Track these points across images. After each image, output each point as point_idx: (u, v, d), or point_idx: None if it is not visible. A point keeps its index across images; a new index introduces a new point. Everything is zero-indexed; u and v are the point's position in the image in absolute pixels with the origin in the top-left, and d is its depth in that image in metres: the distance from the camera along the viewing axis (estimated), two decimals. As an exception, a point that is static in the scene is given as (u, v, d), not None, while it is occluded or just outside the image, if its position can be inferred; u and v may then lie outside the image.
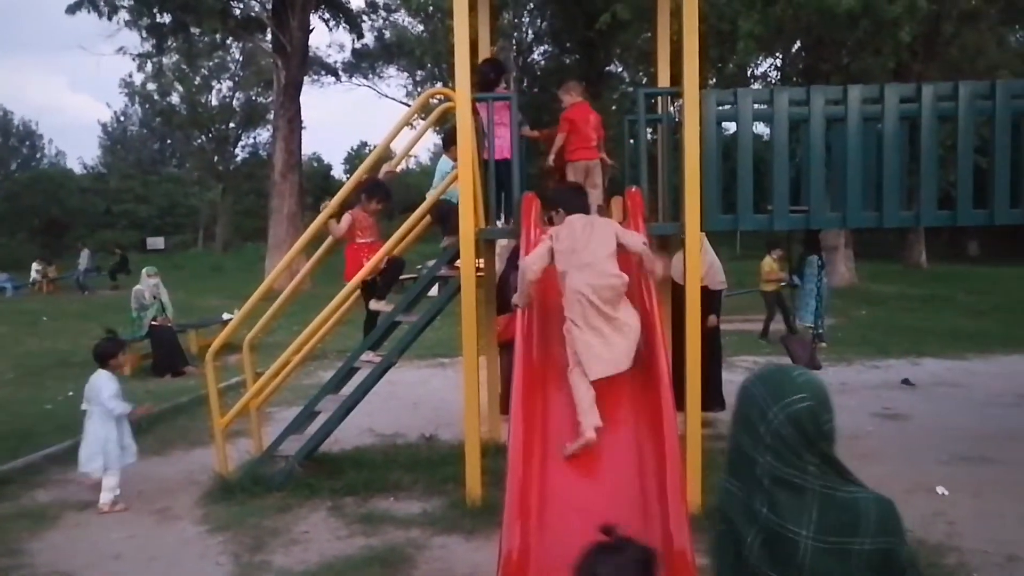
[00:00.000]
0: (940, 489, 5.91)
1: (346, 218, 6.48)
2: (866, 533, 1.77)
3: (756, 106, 5.68)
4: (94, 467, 6.05)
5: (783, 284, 12.83)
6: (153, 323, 11.65)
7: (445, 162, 6.83)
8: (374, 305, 6.49)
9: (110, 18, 25.14)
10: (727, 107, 5.67)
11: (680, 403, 5.52)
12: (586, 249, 4.59)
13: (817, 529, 1.76)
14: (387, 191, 6.76)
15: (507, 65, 6.94)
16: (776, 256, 13.14)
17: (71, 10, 25.05)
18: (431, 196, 6.49)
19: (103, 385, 6.20)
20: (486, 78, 6.47)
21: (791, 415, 1.80)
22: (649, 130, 7.09)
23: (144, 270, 12.08)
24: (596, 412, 4.22)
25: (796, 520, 1.76)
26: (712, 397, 8.16)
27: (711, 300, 8.28)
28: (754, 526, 1.79)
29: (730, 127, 5.92)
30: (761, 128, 6.06)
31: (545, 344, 4.82)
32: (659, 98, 6.74)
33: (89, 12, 25.02)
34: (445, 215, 6.56)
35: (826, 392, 1.86)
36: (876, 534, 1.78)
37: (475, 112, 5.92)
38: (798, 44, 23.46)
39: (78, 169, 59.93)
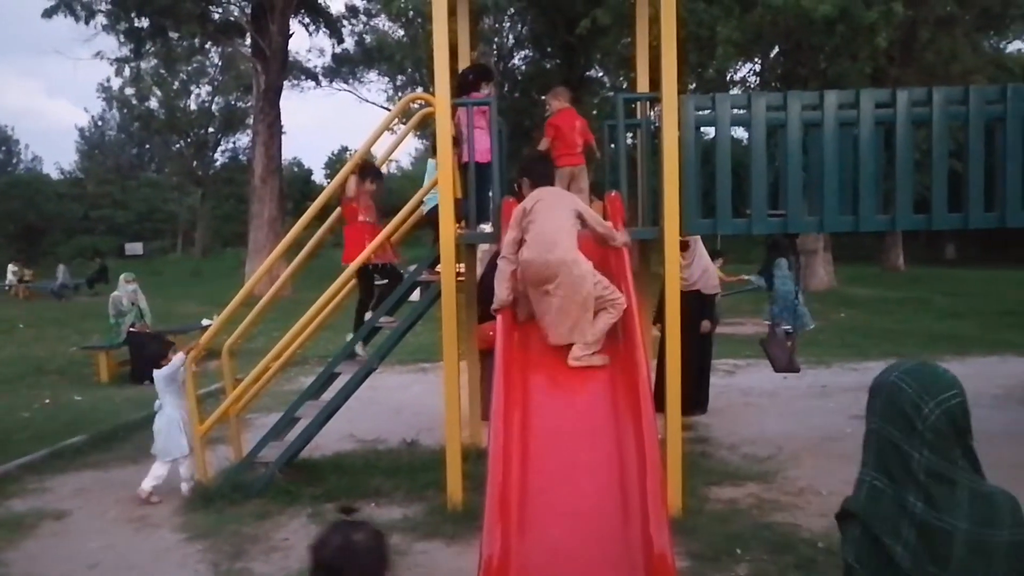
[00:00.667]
0: (917, 490, 5.95)
1: (352, 182, 6.47)
2: (1002, 524, 1.81)
3: (734, 111, 5.73)
4: (171, 455, 6.30)
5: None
6: (131, 330, 11.56)
7: (434, 163, 6.79)
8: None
9: (87, 22, 24.97)
10: (706, 112, 5.71)
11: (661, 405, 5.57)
12: (542, 222, 4.83)
13: (970, 521, 1.80)
14: (378, 172, 6.79)
15: (491, 70, 6.91)
16: (718, 264, 13.25)
17: (47, 14, 24.85)
18: (416, 197, 6.48)
19: (168, 371, 6.48)
20: (465, 79, 6.48)
21: (947, 410, 1.87)
22: (629, 135, 7.13)
23: (122, 276, 12.00)
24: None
25: (952, 512, 1.80)
26: (698, 401, 8.23)
27: (704, 305, 8.33)
28: (907, 520, 1.81)
29: (709, 132, 5.96)
30: (741, 133, 6.10)
31: (526, 349, 4.82)
32: (639, 103, 6.78)
33: (66, 16, 24.83)
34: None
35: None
36: (1012, 525, 1.82)
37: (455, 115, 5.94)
38: (776, 49, 23.65)
39: (55, 174, 59.40)
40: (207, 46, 31.90)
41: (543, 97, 6.83)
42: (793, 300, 11.06)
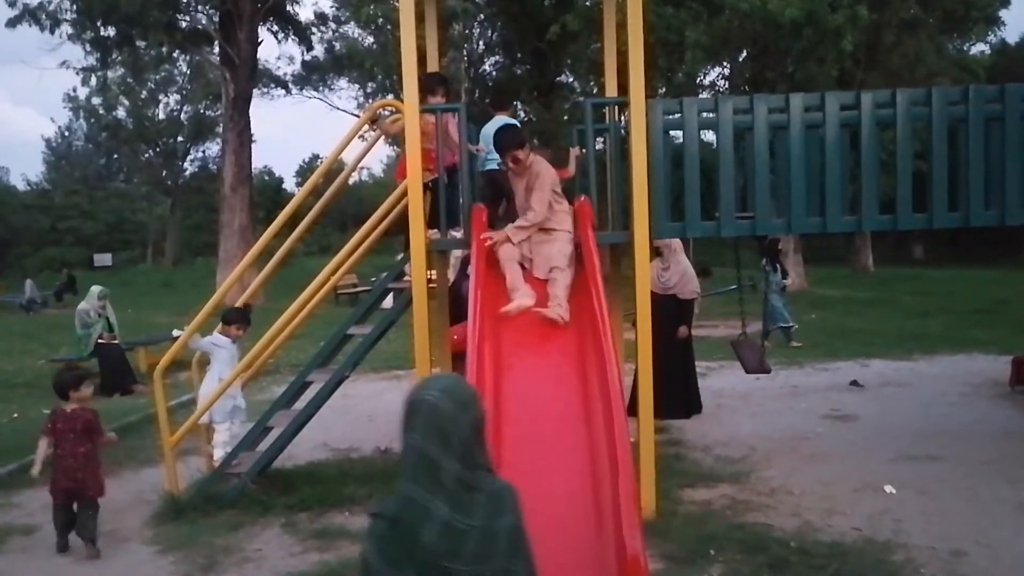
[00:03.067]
0: (888, 488, 6.03)
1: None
2: (507, 513, 2.08)
3: (702, 115, 5.77)
4: (220, 419, 6.63)
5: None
6: (100, 341, 11.43)
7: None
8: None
9: (52, 31, 24.66)
10: (674, 116, 5.75)
11: (633, 409, 5.60)
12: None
13: (485, 519, 2.05)
14: (444, 79, 6.90)
15: (447, 76, 6.92)
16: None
17: (11, 23, 24.52)
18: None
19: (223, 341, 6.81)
20: (421, 85, 6.48)
21: (474, 423, 2.08)
22: (599, 140, 7.16)
23: (99, 291, 11.79)
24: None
25: (471, 515, 2.04)
26: (680, 405, 8.25)
27: (682, 310, 8.37)
28: (431, 523, 2.01)
29: (678, 136, 6.00)
30: (710, 136, 6.15)
31: (496, 351, 4.82)
32: (608, 108, 6.81)
33: (31, 25, 24.52)
34: (498, 182, 6.47)
35: None
36: (512, 512, 2.10)
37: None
38: (745, 53, 23.88)
39: (21, 186, 58.59)
40: (175, 55, 31.61)
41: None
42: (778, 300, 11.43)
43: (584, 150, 6.49)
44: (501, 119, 6.43)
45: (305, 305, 6.53)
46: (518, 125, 6.62)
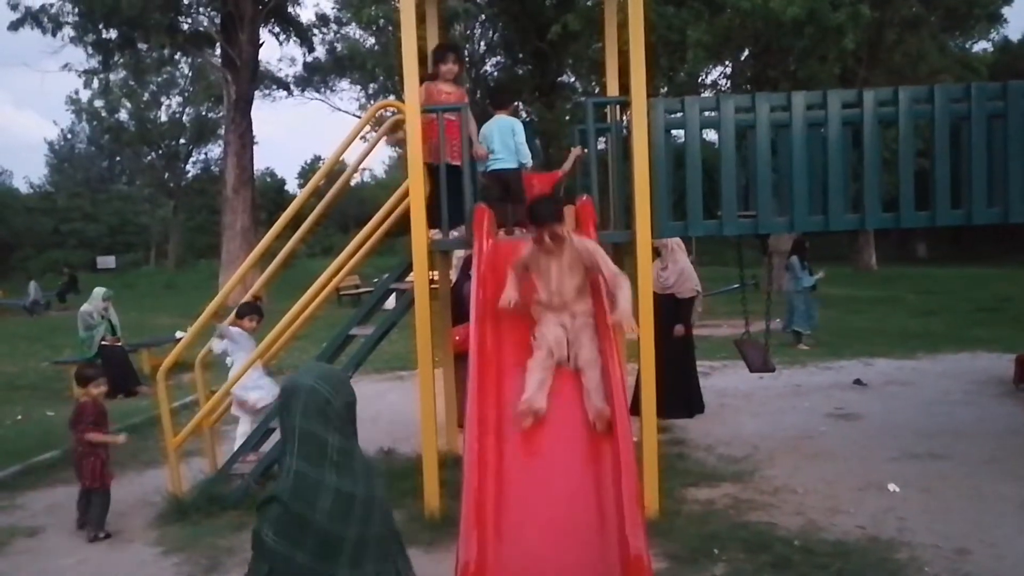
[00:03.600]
0: (891, 486, 6.02)
1: (421, 93, 6.41)
2: (380, 485, 2.42)
3: (704, 114, 5.76)
4: (253, 396, 6.79)
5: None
6: (103, 343, 11.44)
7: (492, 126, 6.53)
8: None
9: (54, 35, 24.76)
10: (675, 115, 5.74)
11: (636, 408, 5.60)
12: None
13: (365, 485, 2.35)
14: (455, 46, 6.85)
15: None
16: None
17: (13, 27, 24.60)
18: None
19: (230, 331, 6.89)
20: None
21: (347, 402, 2.38)
22: (601, 139, 7.15)
23: (102, 293, 11.80)
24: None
25: (354, 480, 2.32)
26: (682, 405, 8.24)
27: (680, 309, 8.36)
28: (324, 492, 2.25)
29: (680, 135, 5.98)
30: (713, 136, 6.14)
31: (499, 353, 4.82)
32: (609, 107, 6.80)
33: (33, 28, 24.61)
34: (507, 183, 6.40)
35: None
36: (384, 487, 2.44)
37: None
38: (747, 52, 23.86)
39: (24, 188, 58.75)
40: (176, 57, 31.67)
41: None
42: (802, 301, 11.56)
43: (586, 150, 6.48)
44: (502, 118, 6.41)
45: (307, 306, 6.53)
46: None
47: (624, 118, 6.34)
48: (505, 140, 6.27)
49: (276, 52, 55.96)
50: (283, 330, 6.54)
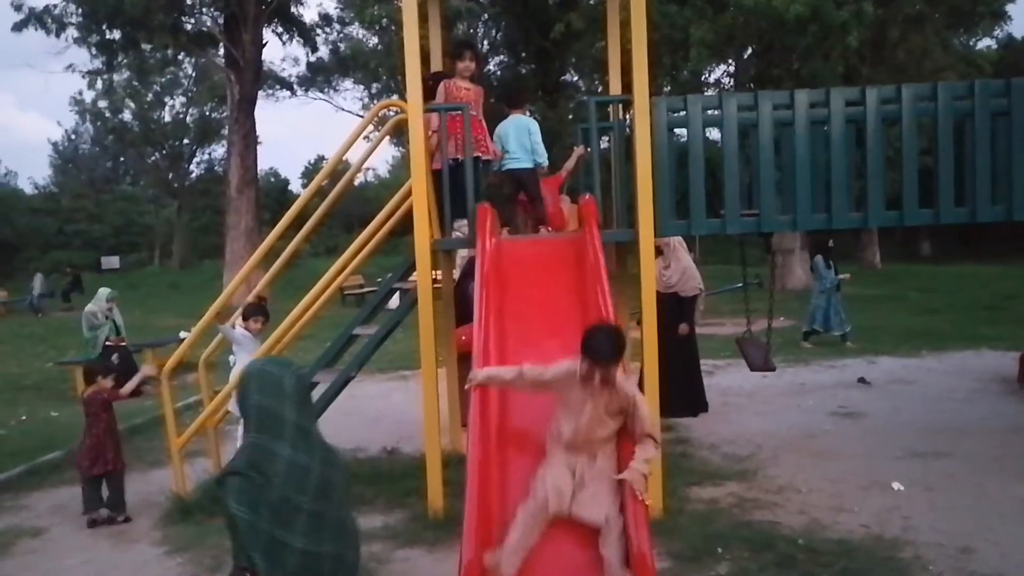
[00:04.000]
0: (896, 484, 6.01)
1: (440, 91, 6.46)
2: (338, 467, 2.64)
3: (706, 112, 5.75)
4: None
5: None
6: (107, 344, 11.46)
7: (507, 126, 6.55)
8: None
9: (58, 35, 24.82)
10: (678, 114, 5.73)
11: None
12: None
13: (321, 460, 2.55)
14: (470, 43, 6.77)
15: (448, 75, 6.92)
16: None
17: (17, 28, 24.65)
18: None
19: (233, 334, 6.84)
20: (424, 85, 6.48)
21: (300, 379, 2.66)
22: (604, 138, 7.15)
23: (106, 293, 11.82)
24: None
25: (311, 454, 2.52)
26: (686, 404, 8.23)
27: (683, 307, 8.36)
28: (278, 462, 2.45)
29: (682, 133, 5.98)
30: (716, 134, 6.13)
31: (501, 350, 4.81)
32: (612, 106, 6.80)
33: (36, 29, 24.65)
34: (522, 182, 6.44)
35: None
36: (343, 472, 2.71)
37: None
38: (750, 50, 23.82)
39: (29, 189, 58.81)
40: (180, 57, 31.73)
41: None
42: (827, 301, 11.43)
43: (588, 149, 6.49)
44: (518, 117, 6.41)
45: (311, 306, 6.53)
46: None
47: (627, 117, 6.34)
48: (521, 139, 6.33)
49: (279, 52, 56.15)
50: (287, 330, 6.54)
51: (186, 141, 49.53)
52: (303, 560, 2.38)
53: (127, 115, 48.24)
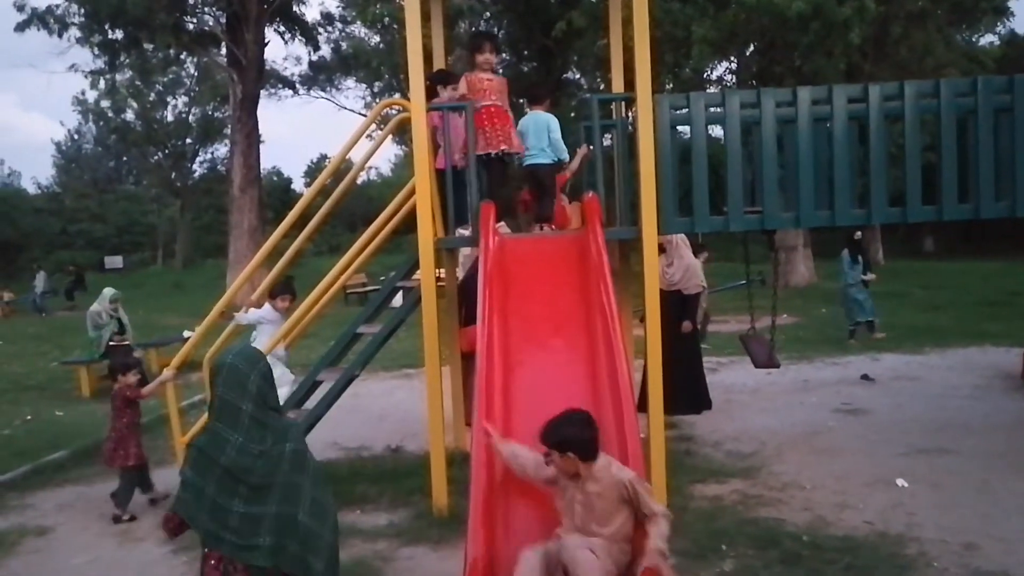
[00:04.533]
0: (900, 481, 6.01)
1: (462, 84, 6.46)
2: (288, 440, 2.91)
3: (709, 110, 5.76)
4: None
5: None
6: (112, 343, 11.48)
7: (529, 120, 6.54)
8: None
9: (60, 35, 24.76)
10: (681, 111, 5.73)
11: (644, 405, 5.60)
12: None
13: (275, 443, 2.88)
14: (491, 35, 6.78)
15: (449, 73, 6.92)
16: (702, 259, 13.26)
17: (20, 28, 24.64)
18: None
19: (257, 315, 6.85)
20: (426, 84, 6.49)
21: (263, 376, 2.91)
22: (607, 136, 7.15)
23: (111, 293, 11.83)
24: None
25: (261, 443, 2.85)
26: (689, 401, 8.22)
27: (686, 305, 8.35)
28: (229, 446, 2.82)
29: (685, 131, 5.98)
30: (719, 132, 6.13)
31: (505, 347, 4.82)
32: (615, 104, 6.80)
33: (39, 30, 24.63)
34: (540, 178, 6.44)
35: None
36: (293, 440, 2.94)
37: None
38: (752, 48, 23.77)
39: (32, 189, 58.93)
40: (182, 57, 31.68)
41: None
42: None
43: (591, 147, 6.49)
44: (538, 113, 6.42)
45: (315, 305, 6.55)
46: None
47: (629, 114, 6.34)
48: (540, 136, 6.33)
49: (281, 51, 56.19)
50: (291, 328, 6.56)
51: (189, 140, 49.53)
52: (243, 521, 2.80)
53: (130, 115, 48.28)
